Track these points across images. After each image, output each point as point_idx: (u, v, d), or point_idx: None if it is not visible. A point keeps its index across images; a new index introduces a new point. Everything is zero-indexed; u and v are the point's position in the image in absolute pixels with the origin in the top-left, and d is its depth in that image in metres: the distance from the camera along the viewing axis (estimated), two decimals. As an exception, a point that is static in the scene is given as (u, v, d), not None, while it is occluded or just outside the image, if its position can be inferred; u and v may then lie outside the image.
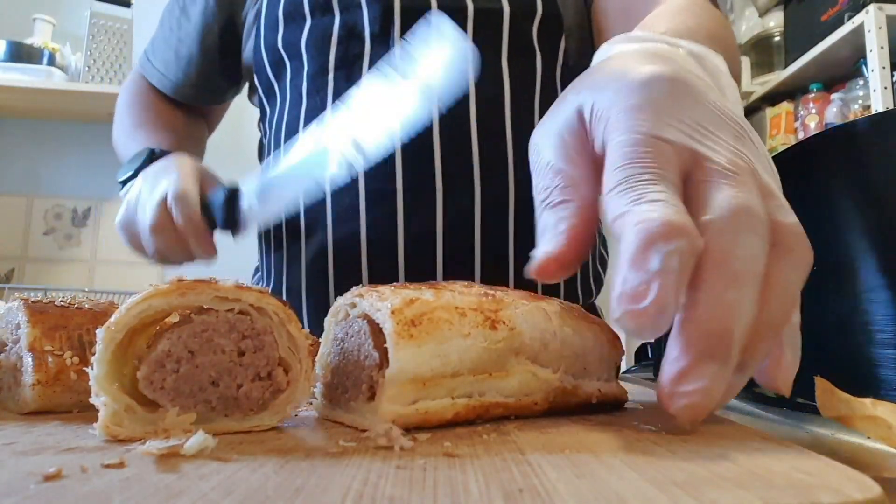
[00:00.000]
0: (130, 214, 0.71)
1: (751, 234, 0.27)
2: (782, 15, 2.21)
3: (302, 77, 0.72)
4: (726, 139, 0.31)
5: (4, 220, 2.05)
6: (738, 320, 0.26)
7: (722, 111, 0.32)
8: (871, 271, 0.38)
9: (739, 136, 0.32)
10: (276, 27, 0.73)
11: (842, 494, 0.18)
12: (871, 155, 0.38)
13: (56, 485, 0.19)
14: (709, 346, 0.26)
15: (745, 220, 0.27)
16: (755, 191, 0.29)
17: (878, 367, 0.38)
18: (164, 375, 0.27)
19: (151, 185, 0.68)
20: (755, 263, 0.27)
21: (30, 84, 1.84)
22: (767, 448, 0.24)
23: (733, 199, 0.28)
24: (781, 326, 0.29)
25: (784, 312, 0.28)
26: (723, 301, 0.26)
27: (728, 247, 0.27)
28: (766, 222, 0.28)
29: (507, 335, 0.30)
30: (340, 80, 0.69)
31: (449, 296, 0.29)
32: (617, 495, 0.18)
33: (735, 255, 0.27)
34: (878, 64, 1.69)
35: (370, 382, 0.29)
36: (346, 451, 0.24)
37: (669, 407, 0.26)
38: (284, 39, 0.72)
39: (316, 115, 0.71)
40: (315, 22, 0.70)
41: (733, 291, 0.26)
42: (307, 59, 0.71)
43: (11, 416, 0.33)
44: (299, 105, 0.72)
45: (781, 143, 2.10)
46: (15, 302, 0.35)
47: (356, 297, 0.30)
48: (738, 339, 0.26)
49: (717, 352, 0.26)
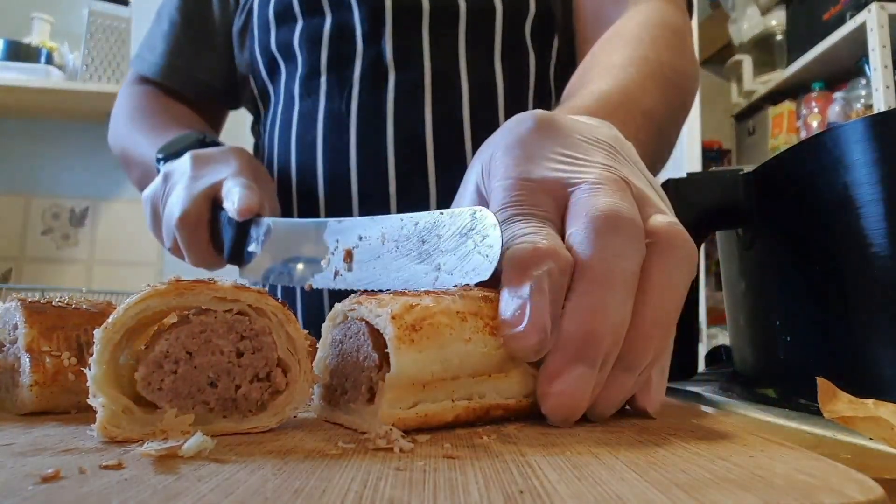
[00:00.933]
0: (161, 192, 0.63)
1: (616, 237, 0.29)
2: (784, 14, 2.21)
3: (294, 79, 0.71)
4: (596, 160, 0.33)
5: (2, 219, 2.05)
6: (604, 322, 0.28)
7: (590, 138, 0.35)
8: (872, 271, 0.38)
9: (611, 154, 0.34)
10: (269, 29, 0.73)
11: (843, 496, 0.18)
12: (874, 154, 0.38)
13: (54, 486, 0.19)
14: (575, 349, 0.28)
15: (610, 224, 0.29)
16: (626, 197, 0.31)
17: (880, 368, 0.38)
18: (162, 376, 0.27)
19: (196, 173, 0.60)
20: (623, 263, 0.29)
21: (28, 83, 1.84)
22: (769, 449, 0.24)
23: (597, 207, 0.30)
24: (669, 324, 0.30)
25: (668, 310, 0.30)
26: (587, 305, 0.28)
27: (592, 253, 0.29)
28: (637, 224, 0.30)
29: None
30: (332, 82, 0.69)
31: (448, 300, 0.29)
32: (617, 497, 0.18)
33: (600, 259, 0.29)
34: (881, 63, 1.69)
35: (369, 384, 0.29)
36: (346, 453, 0.24)
37: (542, 407, 0.29)
38: (277, 40, 0.72)
39: (308, 116, 0.70)
40: (307, 22, 0.70)
41: (599, 295, 0.28)
42: (300, 59, 0.70)
43: (9, 416, 0.33)
44: (291, 107, 0.72)
45: (784, 142, 2.10)
46: (12, 302, 0.35)
47: (354, 304, 0.30)
48: (608, 340, 0.28)
49: (584, 354, 0.28)
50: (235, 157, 0.62)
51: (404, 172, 0.67)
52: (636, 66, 0.53)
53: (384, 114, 0.67)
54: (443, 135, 0.67)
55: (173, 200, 0.60)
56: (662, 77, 0.55)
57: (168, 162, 0.65)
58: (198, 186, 0.59)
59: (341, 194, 0.68)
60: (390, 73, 0.67)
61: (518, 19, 0.69)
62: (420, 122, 0.67)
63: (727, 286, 0.61)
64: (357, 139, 0.67)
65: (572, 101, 0.50)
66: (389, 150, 0.67)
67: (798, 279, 0.45)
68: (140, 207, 0.69)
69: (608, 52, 0.58)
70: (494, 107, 0.68)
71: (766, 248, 0.49)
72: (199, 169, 0.60)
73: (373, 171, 0.67)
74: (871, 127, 0.38)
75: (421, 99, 0.67)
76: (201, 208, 0.59)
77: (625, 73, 0.52)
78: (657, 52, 0.56)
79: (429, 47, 0.68)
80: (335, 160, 0.67)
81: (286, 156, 0.72)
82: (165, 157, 0.66)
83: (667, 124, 0.56)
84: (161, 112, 0.80)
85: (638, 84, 0.52)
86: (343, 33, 0.68)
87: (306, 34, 0.70)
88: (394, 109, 0.67)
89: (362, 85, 0.68)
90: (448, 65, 0.68)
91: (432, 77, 0.67)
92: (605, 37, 0.62)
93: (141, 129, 0.77)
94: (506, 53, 0.69)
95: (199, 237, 0.59)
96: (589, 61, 0.59)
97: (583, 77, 0.55)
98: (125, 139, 0.81)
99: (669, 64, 0.57)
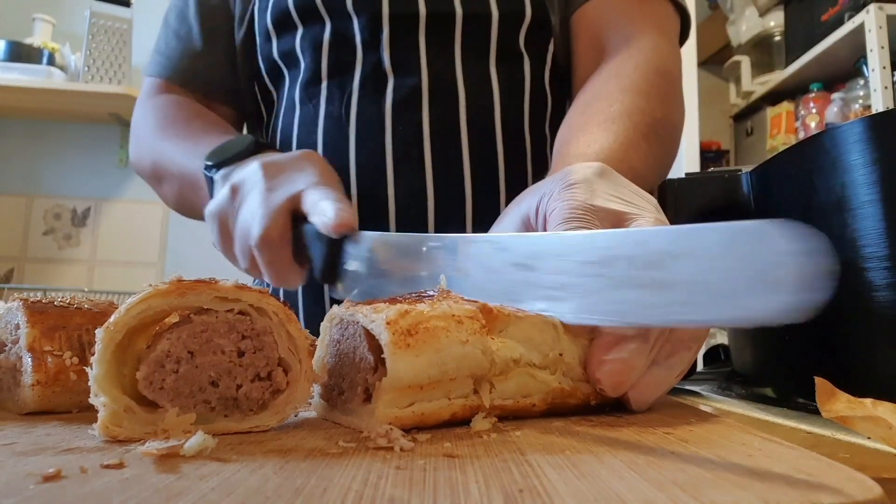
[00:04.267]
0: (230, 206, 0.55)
1: None
2: (783, 14, 2.21)
3: (296, 85, 0.71)
4: (648, 206, 0.39)
5: (4, 220, 2.05)
6: None
7: (638, 191, 0.40)
8: (873, 271, 0.38)
9: (659, 210, 0.39)
10: (270, 38, 0.73)
11: (842, 495, 0.18)
12: (872, 154, 0.38)
13: (55, 485, 0.19)
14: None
15: None
16: None
17: (879, 367, 0.38)
18: (163, 376, 0.27)
19: (270, 184, 0.53)
20: None
21: (29, 84, 1.84)
22: (767, 448, 0.24)
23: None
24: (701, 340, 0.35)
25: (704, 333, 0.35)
26: None
27: None
28: None
29: (503, 346, 0.30)
30: (333, 87, 0.69)
31: (445, 306, 0.29)
32: (617, 496, 0.18)
33: None
34: (879, 63, 1.69)
35: (365, 385, 0.29)
36: (346, 452, 0.24)
37: (595, 372, 0.32)
38: (280, 48, 0.72)
39: (308, 121, 0.70)
40: (307, 29, 0.70)
41: None
42: (303, 65, 0.71)
43: (11, 416, 0.33)
44: (293, 112, 0.72)
45: (782, 142, 2.10)
46: (14, 302, 0.35)
47: (352, 309, 0.30)
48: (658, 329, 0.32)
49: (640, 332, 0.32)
50: (311, 163, 0.57)
51: (402, 176, 0.67)
52: (633, 121, 0.57)
53: (383, 119, 0.67)
54: (440, 139, 0.67)
55: (248, 216, 0.53)
56: (655, 136, 0.59)
57: (221, 170, 0.59)
58: (276, 199, 0.52)
59: None
60: (389, 79, 0.68)
61: (514, 25, 0.70)
62: (418, 127, 0.67)
63: (727, 286, 0.61)
64: (356, 143, 0.68)
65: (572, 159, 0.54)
66: (388, 154, 0.67)
67: (797, 279, 0.45)
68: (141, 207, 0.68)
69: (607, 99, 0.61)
70: (491, 111, 0.69)
71: (766, 248, 0.49)
72: (272, 179, 0.54)
73: (371, 175, 0.67)
74: (869, 128, 0.38)
75: (419, 104, 0.67)
76: (284, 224, 0.52)
77: (621, 128, 0.56)
78: (651, 107, 0.60)
79: (426, 53, 0.68)
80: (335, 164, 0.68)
81: None
82: (217, 163, 0.60)
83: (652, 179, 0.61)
84: (193, 118, 0.73)
85: (632, 142, 0.56)
86: (342, 40, 0.69)
87: (308, 40, 0.70)
88: (392, 114, 0.67)
89: (362, 91, 0.68)
90: (445, 70, 0.68)
91: (429, 82, 0.68)
92: (604, 76, 0.65)
93: (174, 139, 0.70)
94: (501, 59, 0.69)
95: (283, 256, 0.54)
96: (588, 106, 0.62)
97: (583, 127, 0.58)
98: (155, 152, 0.73)
99: (661, 119, 0.61)
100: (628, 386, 0.33)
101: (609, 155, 0.52)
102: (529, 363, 0.31)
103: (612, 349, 0.32)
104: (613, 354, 0.32)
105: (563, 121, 0.64)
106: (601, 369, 0.32)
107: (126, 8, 1.95)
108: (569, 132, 0.59)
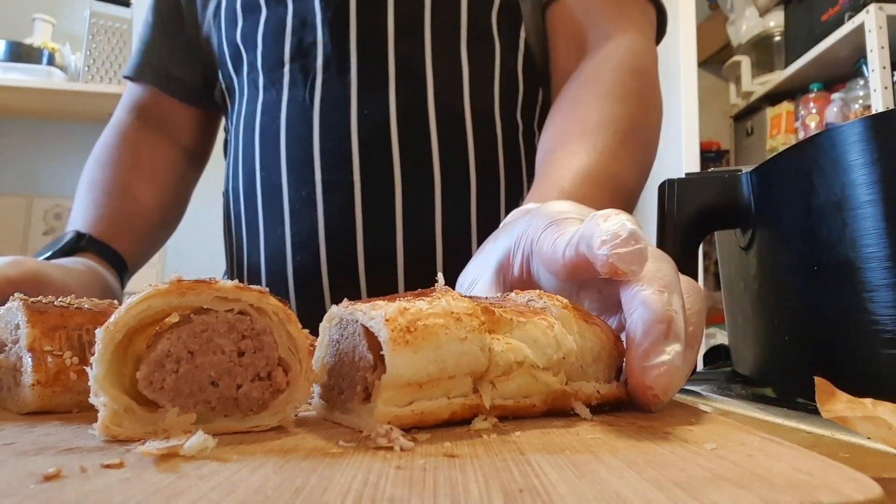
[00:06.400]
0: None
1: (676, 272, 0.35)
2: (783, 14, 2.21)
3: (258, 70, 0.71)
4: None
5: (4, 220, 2.05)
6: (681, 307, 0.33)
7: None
8: (873, 271, 0.38)
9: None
10: (236, 21, 0.72)
11: (842, 495, 0.18)
12: (872, 154, 0.38)
13: (56, 485, 0.19)
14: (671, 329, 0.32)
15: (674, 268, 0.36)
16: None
17: (879, 367, 0.38)
18: (163, 376, 0.27)
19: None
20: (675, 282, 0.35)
21: (29, 84, 1.84)
22: (767, 448, 0.24)
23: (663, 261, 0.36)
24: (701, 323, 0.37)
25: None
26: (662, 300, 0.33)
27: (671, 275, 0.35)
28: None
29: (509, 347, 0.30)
30: (296, 71, 0.68)
31: (444, 303, 0.29)
32: (617, 495, 0.18)
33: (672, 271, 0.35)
34: (879, 64, 1.70)
35: (364, 384, 0.29)
36: (346, 452, 0.24)
37: (644, 381, 0.32)
38: (242, 32, 0.72)
39: (271, 107, 0.70)
40: (270, 13, 0.70)
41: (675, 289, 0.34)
42: (263, 50, 0.70)
43: (11, 416, 0.33)
44: (256, 99, 0.72)
45: (782, 142, 2.11)
46: (14, 302, 0.35)
47: (350, 308, 0.30)
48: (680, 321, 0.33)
49: (677, 333, 0.32)
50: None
51: (369, 160, 0.66)
52: (611, 130, 0.60)
53: (348, 102, 0.67)
54: (407, 122, 0.67)
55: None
56: (634, 140, 0.62)
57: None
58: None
59: (305, 184, 0.67)
60: (353, 61, 0.67)
61: (483, 7, 0.69)
62: (384, 110, 0.66)
63: (726, 286, 0.61)
64: (321, 128, 0.67)
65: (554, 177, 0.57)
66: (353, 138, 0.66)
67: (796, 279, 0.45)
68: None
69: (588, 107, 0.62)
70: (460, 94, 0.68)
71: (765, 248, 0.49)
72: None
73: (337, 159, 0.66)
74: (869, 128, 0.38)
75: (385, 86, 0.67)
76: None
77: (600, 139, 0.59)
78: (629, 112, 0.62)
79: (393, 34, 0.67)
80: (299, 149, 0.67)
81: (251, 148, 0.72)
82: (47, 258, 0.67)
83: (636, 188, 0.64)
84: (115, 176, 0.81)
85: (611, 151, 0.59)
86: (305, 23, 0.68)
87: (271, 24, 0.70)
88: (357, 97, 0.67)
89: (326, 74, 0.68)
90: (413, 52, 0.68)
91: (396, 64, 0.67)
92: (583, 78, 0.66)
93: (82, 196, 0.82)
94: (471, 40, 0.69)
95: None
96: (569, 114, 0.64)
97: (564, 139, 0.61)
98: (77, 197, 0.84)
99: (640, 122, 0.63)
100: (679, 386, 0.33)
101: (588, 167, 0.57)
102: (533, 364, 0.31)
103: (650, 355, 0.32)
104: (654, 359, 0.32)
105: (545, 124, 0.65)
106: (648, 376, 0.32)
107: (126, 8, 1.95)
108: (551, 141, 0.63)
